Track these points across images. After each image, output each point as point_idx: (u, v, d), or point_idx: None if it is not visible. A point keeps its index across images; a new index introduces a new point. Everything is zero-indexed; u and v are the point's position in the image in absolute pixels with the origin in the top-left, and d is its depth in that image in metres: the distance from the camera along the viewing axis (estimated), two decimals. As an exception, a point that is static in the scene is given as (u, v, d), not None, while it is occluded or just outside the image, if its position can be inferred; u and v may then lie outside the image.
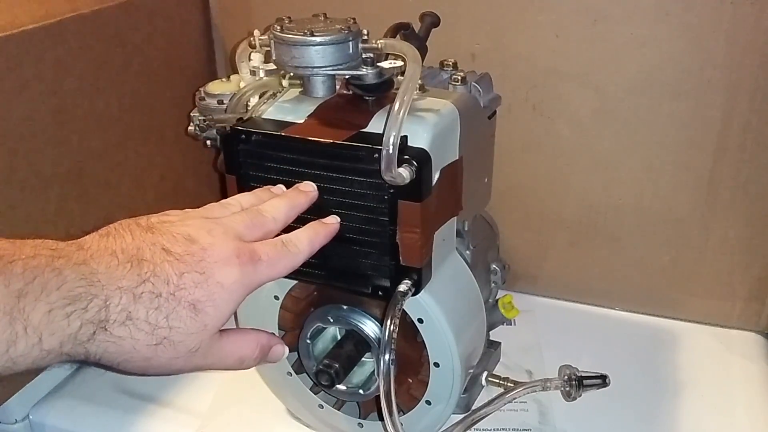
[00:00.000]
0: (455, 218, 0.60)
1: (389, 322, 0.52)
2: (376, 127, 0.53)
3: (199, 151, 0.87)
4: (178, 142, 0.88)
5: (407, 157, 0.50)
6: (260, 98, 0.60)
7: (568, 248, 0.86)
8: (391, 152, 0.48)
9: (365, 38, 0.55)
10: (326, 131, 0.53)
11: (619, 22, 0.73)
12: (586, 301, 0.88)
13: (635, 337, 0.83)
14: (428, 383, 0.60)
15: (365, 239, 0.54)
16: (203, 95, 0.68)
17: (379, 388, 0.53)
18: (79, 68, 0.72)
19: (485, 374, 0.70)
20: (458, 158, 0.57)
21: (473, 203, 0.64)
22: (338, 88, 0.58)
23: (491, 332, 0.72)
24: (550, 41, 0.76)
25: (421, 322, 0.57)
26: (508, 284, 0.76)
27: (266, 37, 0.56)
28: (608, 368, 0.68)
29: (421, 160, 0.50)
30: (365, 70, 0.54)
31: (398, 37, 0.64)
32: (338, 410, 0.66)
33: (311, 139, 0.52)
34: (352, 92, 0.56)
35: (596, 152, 0.80)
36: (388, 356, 0.52)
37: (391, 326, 0.52)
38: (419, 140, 0.52)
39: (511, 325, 0.83)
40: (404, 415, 0.62)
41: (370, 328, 0.59)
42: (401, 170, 0.49)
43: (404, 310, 0.55)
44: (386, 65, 0.55)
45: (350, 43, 0.54)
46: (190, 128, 0.67)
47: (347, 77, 0.56)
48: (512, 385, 0.68)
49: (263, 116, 0.57)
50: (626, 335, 0.83)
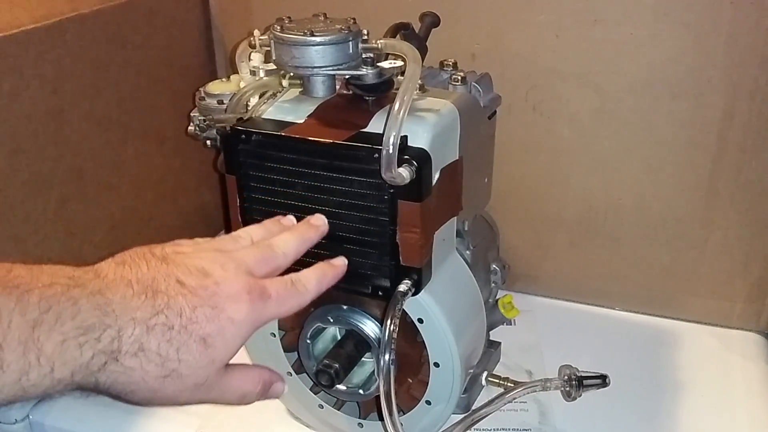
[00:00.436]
0: (455, 218, 0.60)
1: (389, 322, 0.52)
2: (376, 127, 0.53)
3: (199, 151, 0.87)
4: (178, 142, 0.88)
5: (407, 157, 0.50)
6: (260, 98, 0.60)
7: (568, 248, 0.86)
8: (391, 152, 0.48)
9: (365, 38, 0.55)
10: (326, 131, 0.53)
11: (619, 22, 0.73)
12: (586, 301, 0.88)
13: (635, 337, 0.83)
14: (428, 383, 0.60)
15: (365, 239, 0.54)
16: (203, 95, 0.68)
17: (379, 388, 0.53)
18: (79, 68, 0.72)
19: (485, 374, 0.70)
20: (458, 158, 0.57)
21: (473, 203, 0.64)
22: (338, 88, 0.58)
23: (491, 332, 0.72)
24: (549, 41, 0.76)
25: (421, 322, 0.57)
26: (508, 284, 0.76)
27: (266, 37, 0.56)
28: (608, 368, 0.68)
29: (421, 160, 0.50)
30: (365, 70, 0.54)
31: (398, 37, 0.64)
32: (338, 410, 0.66)
33: (311, 139, 0.52)
34: (352, 92, 0.56)
35: (596, 152, 0.80)
36: (388, 356, 0.52)
37: (391, 326, 0.52)
38: (419, 140, 0.52)
39: (511, 325, 0.82)
40: (404, 415, 0.62)
41: (370, 328, 0.59)
42: (401, 170, 0.49)
43: (404, 310, 0.55)
44: (386, 65, 0.55)
45: (350, 43, 0.54)
46: (190, 128, 0.67)
47: (347, 77, 0.56)
48: (512, 385, 0.68)
49: (263, 116, 0.57)
50: (626, 335, 0.83)
